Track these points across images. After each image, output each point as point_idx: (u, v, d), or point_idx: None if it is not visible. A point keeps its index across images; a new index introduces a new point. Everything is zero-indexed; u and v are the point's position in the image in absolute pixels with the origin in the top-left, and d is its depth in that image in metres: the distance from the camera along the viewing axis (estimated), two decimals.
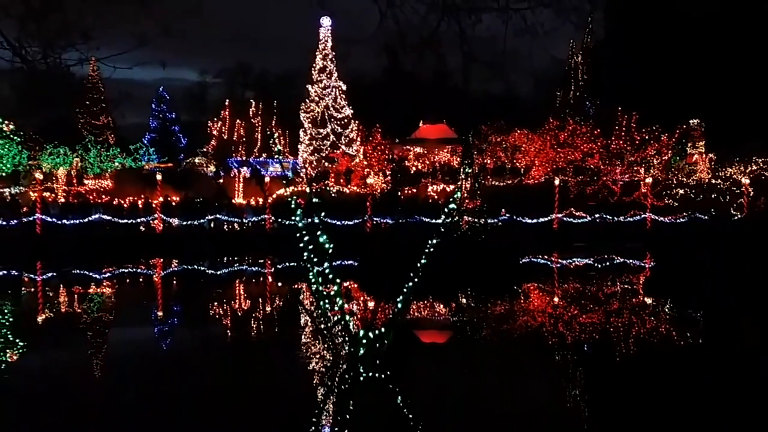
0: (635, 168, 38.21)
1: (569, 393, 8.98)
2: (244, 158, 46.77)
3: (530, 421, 7.75)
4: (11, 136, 32.63)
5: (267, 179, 33.69)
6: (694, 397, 8.72)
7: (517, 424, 7.67)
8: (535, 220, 32.33)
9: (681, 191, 36.72)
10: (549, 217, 32.75)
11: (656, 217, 33.58)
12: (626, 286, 19.27)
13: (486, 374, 10.01)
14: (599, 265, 24.27)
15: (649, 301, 16.77)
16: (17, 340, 11.95)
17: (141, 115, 59.86)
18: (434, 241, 9.81)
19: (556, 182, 33.67)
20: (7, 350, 11.22)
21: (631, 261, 25.42)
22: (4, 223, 27.96)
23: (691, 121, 41.02)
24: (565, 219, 33.12)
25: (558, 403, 8.46)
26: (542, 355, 10.98)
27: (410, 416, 7.92)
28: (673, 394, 8.83)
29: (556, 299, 16.86)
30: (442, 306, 15.57)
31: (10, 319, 14.24)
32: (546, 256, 26.25)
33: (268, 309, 15.76)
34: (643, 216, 33.64)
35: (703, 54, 44.21)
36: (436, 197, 36.13)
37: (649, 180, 35.65)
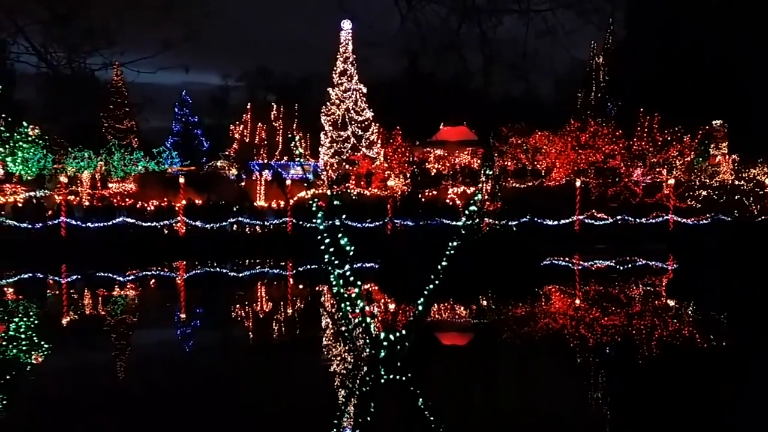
0: (657, 169, 37.91)
1: (592, 396, 8.94)
2: (265, 161, 47.04)
3: (552, 424, 7.74)
4: (37, 140, 33.08)
5: (288, 182, 33.86)
6: (718, 401, 8.66)
7: (538, 427, 7.66)
8: (556, 222, 32.19)
9: (704, 192, 36.41)
10: (570, 219, 32.60)
11: (679, 219, 33.29)
12: (649, 288, 19.14)
13: (507, 377, 10.01)
14: (621, 267, 24.11)
15: (672, 303, 16.65)
16: (42, 342, 12.12)
17: (164, 119, 60.42)
18: (455, 244, 9.82)
19: (578, 184, 33.50)
20: (33, 352, 11.40)
21: (653, 263, 25.23)
22: (30, 226, 28.38)
23: (713, 122, 40.60)
24: (586, 221, 32.96)
25: (581, 406, 8.43)
26: (564, 357, 10.95)
27: (431, 418, 7.94)
28: (698, 397, 8.77)
29: (577, 301, 16.79)
30: (462, 308, 15.58)
31: (36, 321, 14.45)
32: (567, 258, 26.13)
33: (290, 311, 15.85)
34: (665, 217, 33.37)
35: (725, 54, 43.74)
36: (456, 199, 36.11)
37: (671, 181, 35.36)
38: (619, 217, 33.39)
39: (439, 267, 9.85)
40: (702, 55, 44.65)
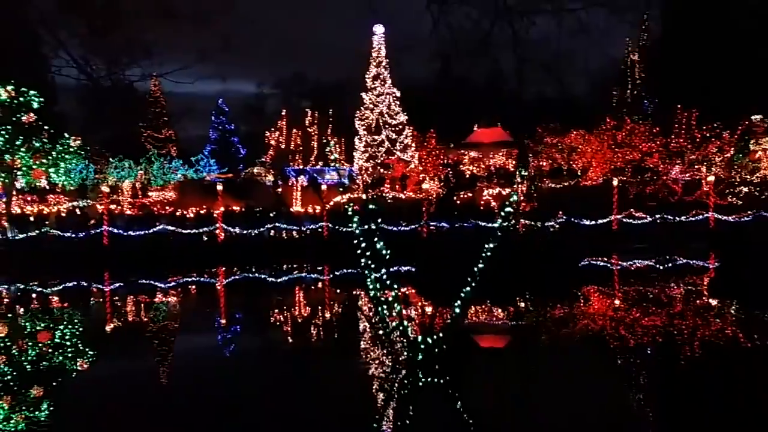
0: (696, 166, 37.31)
1: (633, 398, 8.87)
2: (301, 167, 47.44)
3: (591, 426, 7.71)
4: (78, 151, 33.84)
5: (324, 187, 34.10)
6: (764, 402, 8.53)
7: (577, 429, 7.64)
8: (593, 222, 31.89)
9: (745, 189, 35.69)
10: (608, 219, 32.26)
11: (719, 216, 32.70)
12: (690, 287, 18.86)
13: (546, 379, 9.97)
14: (661, 267, 23.80)
15: (714, 302, 16.39)
16: (87, 349, 12.42)
17: (201, 128, 61.46)
18: (491, 245, 9.82)
19: (615, 183, 33.13)
20: (78, 358, 11.70)
21: (694, 262, 24.85)
22: (73, 235, 29.03)
23: (753, 117, 39.76)
24: (624, 220, 32.57)
25: (621, 408, 8.38)
26: (603, 359, 10.88)
27: (470, 422, 7.97)
28: (744, 399, 8.65)
29: (617, 302, 16.63)
30: (500, 310, 15.54)
31: (81, 329, 14.80)
32: (605, 259, 25.87)
33: (327, 315, 15.98)
34: (705, 215, 32.80)
35: (764, 47, 42.85)
36: (492, 201, 35.99)
37: (711, 178, 34.74)
38: (657, 216, 32.93)
39: (475, 269, 9.87)
40: (740, 50, 43.80)
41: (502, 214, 10.07)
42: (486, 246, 9.84)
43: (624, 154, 37.86)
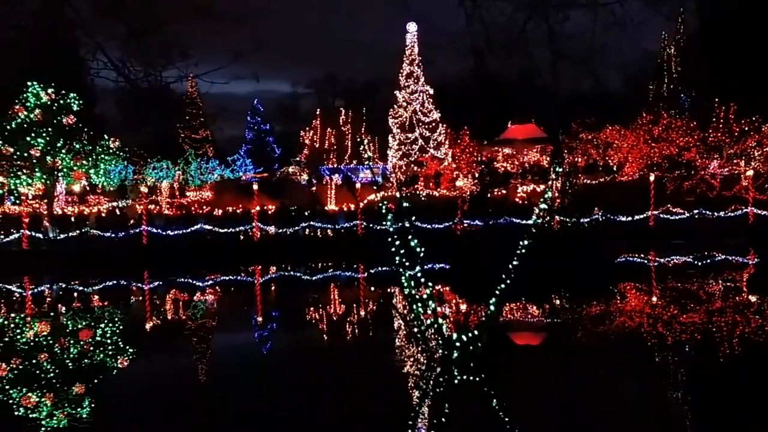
0: (735, 161, 36.63)
1: (670, 397, 8.79)
2: (335, 165, 47.70)
3: (628, 425, 7.68)
4: (117, 152, 34.49)
5: (358, 185, 34.26)
6: None
7: (615, 428, 7.61)
8: (630, 218, 31.53)
9: None
10: (645, 215, 31.86)
11: (759, 212, 32.09)
12: (729, 283, 18.56)
13: (582, 377, 9.93)
14: (699, 263, 23.46)
15: (753, 298, 16.12)
16: (128, 347, 12.68)
17: (237, 128, 62.18)
18: (526, 243, 9.79)
19: (652, 178, 32.70)
20: (119, 356, 11.97)
21: (733, 257, 24.44)
22: (113, 235, 29.60)
23: None
24: (661, 216, 32.16)
25: (658, 407, 8.31)
26: (641, 357, 10.79)
27: (506, 419, 7.99)
28: None
29: (654, 299, 16.45)
30: (535, 308, 15.48)
31: (121, 327, 15.11)
32: (643, 255, 25.58)
33: (362, 313, 16.09)
34: (744, 210, 32.22)
35: None
36: (526, 198, 35.77)
37: (750, 173, 34.09)
38: (695, 212, 32.46)
39: (510, 266, 9.86)
40: None
41: (537, 211, 10.05)
42: (521, 243, 9.81)
43: (661, 149, 37.33)
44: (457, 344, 9.65)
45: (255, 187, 32.86)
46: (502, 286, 9.84)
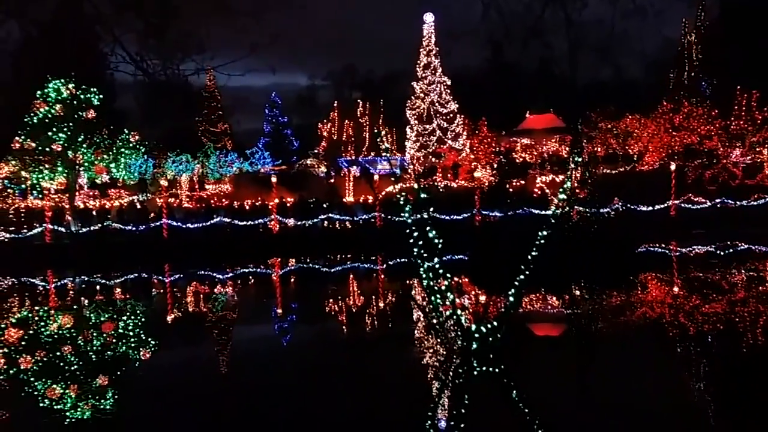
0: (758, 149, 36.16)
1: (692, 388, 8.73)
2: (353, 157, 47.70)
3: (649, 416, 7.64)
4: (137, 146, 34.72)
5: (376, 177, 34.26)
6: None
7: (635, 419, 7.57)
8: (651, 208, 31.27)
9: None
10: (665, 204, 31.58)
11: None
12: (752, 273, 18.36)
13: (602, 368, 9.88)
14: (722, 253, 23.22)
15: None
16: (150, 339, 12.81)
17: (255, 121, 62.35)
18: (545, 233, 9.74)
19: (672, 167, 32.38)
20: (141, 348, 12.09)
21: (756, 247, 24.16)
22: (134, 228, 29.87)
23: None
24: (683, 205, 31.85)
25: (681, 400, 8.25)
26: (662, 348, 10.72)
27: (525, 410, 7.99)
28: None
29: (675, 289, 16.33)
30: (555, 298, 15.43)
31: (143, 318, 15.26)
32: (663, 245, 25.37)
33: (381, 305, 16.12)
34: (767, 199, 31.84)
35: None
36: (545, 188, 35.58)
37: None
38: (717, 201, 32.13)
39: (529, 257, 9.81)
40: None
41: (557, 201, 9.98)
42: (540, 234, 9.77)
43: (682, 138, 36.92)
44: (477, 335, 9.65)
45: (273, 179, 32.98)
46: (521, 276, 9.80)
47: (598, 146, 40.39)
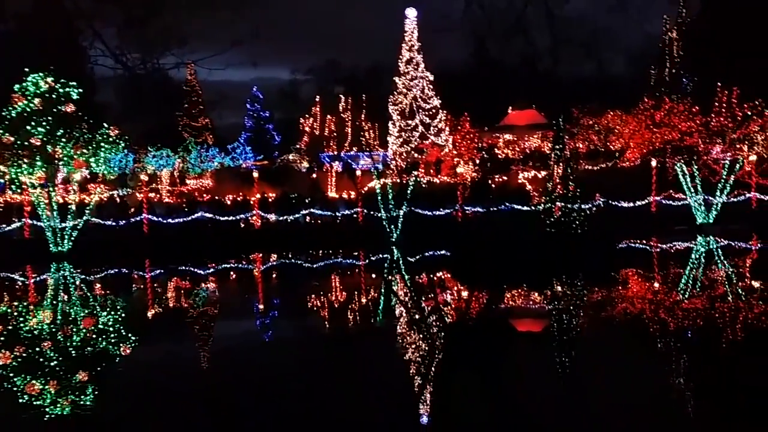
0: (738, 145, 36.50)
1: (674, 384, 8.78)
2: (335, 153, 47.57)
3: (630, 412, 7.67)
4: (117, 140, 34.39)
5: (358, 172, 34.16)
6: None
7: (620, 415, 7.60)
8: (631, 204, 31.47)
9: None
10: (646, 200, 31.81)
11: (762, 197, 32.02)
12: (732, 269, 18.53)
13: (584, 364, 9.92)
14: (702, 249, 23.42)
15: (756, 284, 16.11)
16: (130, 334, 12.69)
17: (236, 115, 61.95)
18: (527, 229, 9.76)
19: (653, 164, 32.61)
20: (121, 344, 11.98)
21: (736, 243, 24.39)
22: (114, 223, 29.58)
23: None
24: (663, 202, 32.09)
25: (660, 394, 8.30)
26: (643, 344, 10.78)
27: (509, 406, 7.98)
28: None
29: (656, 285, 16.44)
30: (537, 295, 15.45)
31: (123, 315, 15.12)
32: (644, 241, 25.55)
33: (363, 300, 16.08)
34: (747, 196, 32.15)
35: None
36: (527, 184, 35.68)
37: (753, 158, 33.98)
38: (698, 197, 32.35)
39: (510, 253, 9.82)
40: None
41: (539, 197, 10.00)
42: (521, 230, 9.78)
43: (663, 134, 37.18)
44: (458, 330, 9.64)
45: (255, 174, 32.79)
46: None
47: (580, 142, 40.61)
